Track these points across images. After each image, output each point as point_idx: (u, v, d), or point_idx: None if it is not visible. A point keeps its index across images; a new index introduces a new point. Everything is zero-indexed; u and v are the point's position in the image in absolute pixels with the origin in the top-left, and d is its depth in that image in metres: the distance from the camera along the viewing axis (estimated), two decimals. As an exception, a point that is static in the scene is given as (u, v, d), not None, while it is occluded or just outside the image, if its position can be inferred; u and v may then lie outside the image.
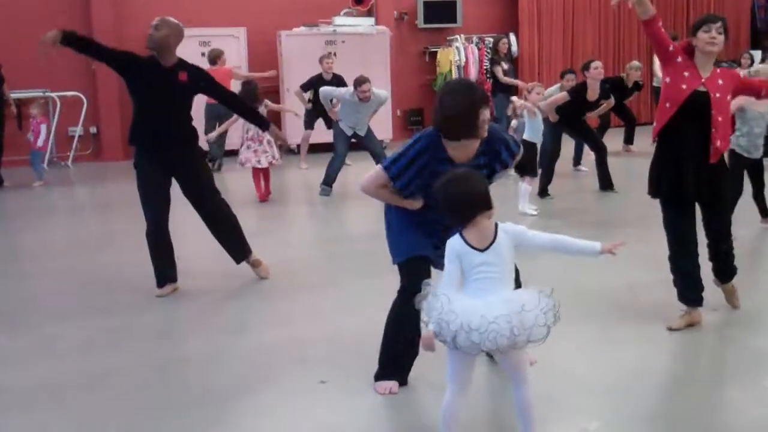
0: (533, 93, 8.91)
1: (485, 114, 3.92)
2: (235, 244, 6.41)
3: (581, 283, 5.90)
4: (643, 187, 5.15)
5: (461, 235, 3.35)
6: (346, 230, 8.89)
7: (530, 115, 8.82)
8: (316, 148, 12.89)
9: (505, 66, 14.03)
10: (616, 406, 4.08)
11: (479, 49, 15.63)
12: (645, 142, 13.94)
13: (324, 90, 10.76)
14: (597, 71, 9.67)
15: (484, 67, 15.56)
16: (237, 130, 10.38)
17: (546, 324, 3.21)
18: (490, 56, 15.31)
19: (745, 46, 17.54)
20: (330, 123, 11.34)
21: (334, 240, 8.09)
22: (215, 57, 12.44)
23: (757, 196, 7.82)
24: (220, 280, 6.50)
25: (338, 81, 11.86)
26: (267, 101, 10.02)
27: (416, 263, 4.14)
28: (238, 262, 6.46)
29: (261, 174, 9.98)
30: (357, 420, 3.99)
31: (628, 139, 13.32)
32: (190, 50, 13.58)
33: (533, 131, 8.85)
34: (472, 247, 3.31)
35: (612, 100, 10.29)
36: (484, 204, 3.34)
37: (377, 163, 9.11)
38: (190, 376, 4.68)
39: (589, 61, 9.93)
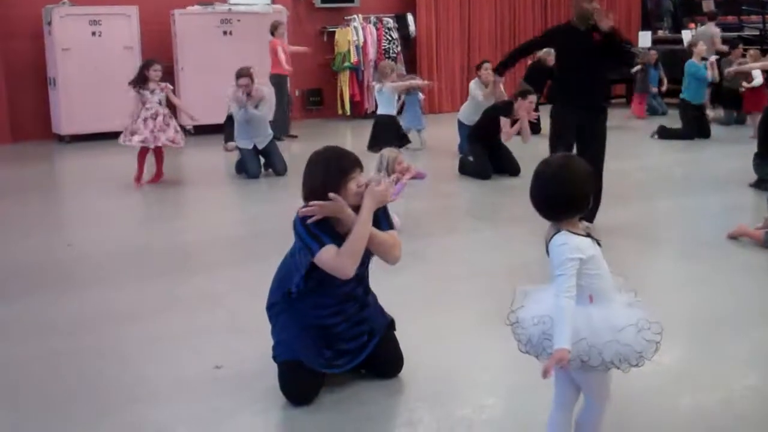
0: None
1: (354, 183, 3.63)
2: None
3: (478, 262, 5.94)
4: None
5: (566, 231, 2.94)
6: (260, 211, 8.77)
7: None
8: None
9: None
10: (512, 381, 4.12)
11: (377, 29, 15.61)
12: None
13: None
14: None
15: (383, 48, 15.55)
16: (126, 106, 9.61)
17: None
18: (388, 37, 15.35)
19: (637, 27, 17.95)
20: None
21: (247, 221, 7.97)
22: (272, 29, 12.96)
23: None
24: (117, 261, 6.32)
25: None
26: (170, 89, 9.49)
27: (294, 367, 3.86)
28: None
29: (151, 154, 9.42)
30: (252, 405, 3.93)
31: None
32: (80, 29, 13.20)
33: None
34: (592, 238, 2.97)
35: None
36: (582, 206, 2.98)
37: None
38: (82, 364, 4.52)
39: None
